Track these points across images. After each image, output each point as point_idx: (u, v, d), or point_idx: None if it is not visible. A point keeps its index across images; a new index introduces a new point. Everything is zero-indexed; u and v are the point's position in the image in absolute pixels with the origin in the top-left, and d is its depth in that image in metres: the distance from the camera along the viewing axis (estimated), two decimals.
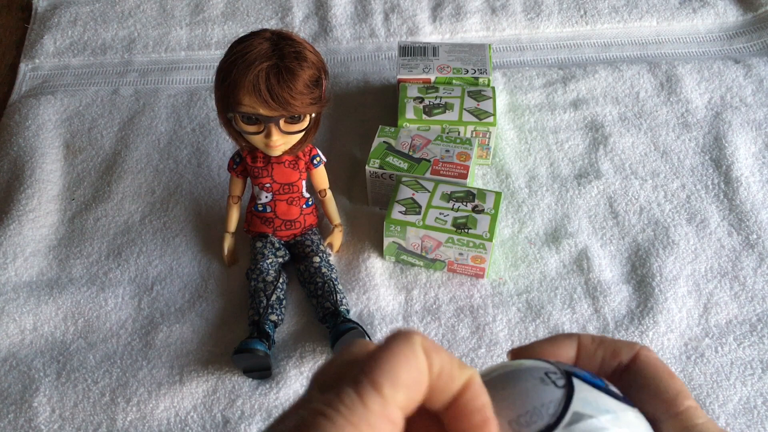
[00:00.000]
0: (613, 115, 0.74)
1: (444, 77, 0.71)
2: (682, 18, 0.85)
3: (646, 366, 0.24)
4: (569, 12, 0.85)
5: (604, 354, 0.25)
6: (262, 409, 0.54)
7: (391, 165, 0.63)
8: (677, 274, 0.61)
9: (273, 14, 0.86)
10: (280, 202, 0.60)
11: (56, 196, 0.69)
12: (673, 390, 0.24)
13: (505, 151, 0.71)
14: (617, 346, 0.25)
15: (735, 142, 0.70)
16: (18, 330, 0.59)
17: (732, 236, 0.64)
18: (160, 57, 0.84)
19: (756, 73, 0.77)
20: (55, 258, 0.64)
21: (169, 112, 0.76)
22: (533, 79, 0.77)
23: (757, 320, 0.59)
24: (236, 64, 0.51)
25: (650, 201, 0.67)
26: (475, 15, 0.85)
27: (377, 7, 0.86)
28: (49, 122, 0.75)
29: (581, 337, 0.25)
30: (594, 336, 0.25)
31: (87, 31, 0.85)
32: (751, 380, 0.55)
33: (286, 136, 0.55)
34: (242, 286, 0.62)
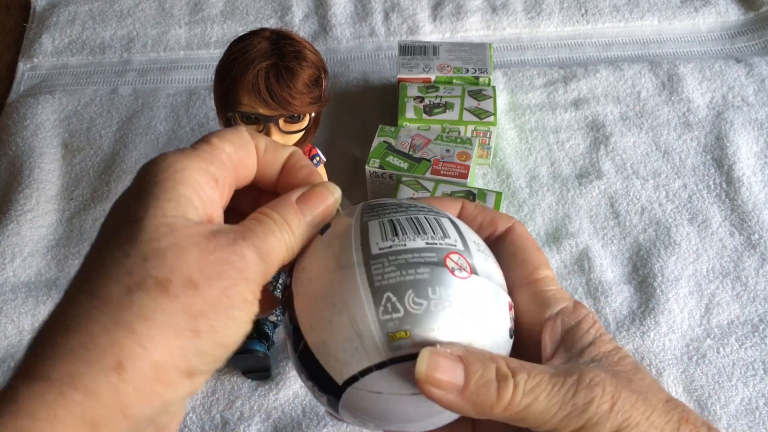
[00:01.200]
0: (614, 115, 0.74)
1: (444, 76, 0.70)
2: (683, 17, 0.84)
3: (517, 237, 0.27)
4: (570, 11, 0.85)
5: (483, 220, 0.28)
6: (262, 410, 0.54)
7: (391, 165, 0.63)
8: (679, 274, 0.61)
9: (272, 13, 0.86)
10: None
11: (54, 196, 0.69)
12: (536, 260, 0.26)
13: (505, 151, 0.71)
14: (495, 216, 0.28)
15: (737, 141, 0.70)
16: (16, 331, 0.59)
17: (734, 236, 0.63)
18: (158, 56, 0.84)
19: (758, 72, 0.76)
20: (53, 258, 0.64)
21: (168, 112, 0.75)
22: (534, 78, 0.77)
23: (759, 321, 0.58)
24: (235, 63, 0.51)
25: (651, 201, 0.66)
26: (475, 14, 0.84)
27: (377, 6, 0.86)
28: (48, 122, 0.74)
29: (465, 202, 0.28)
30: (477, 203, 0.28)
31: (85, 30, 0.85)
32: (753, 381, 0.55)
33: (285, 135, 0.54)
34: None
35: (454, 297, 0.23)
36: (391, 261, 0.23)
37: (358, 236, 0.24)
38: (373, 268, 0.23)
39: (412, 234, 0.24)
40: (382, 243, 0.23)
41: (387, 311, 0.22)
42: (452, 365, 0.22)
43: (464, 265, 0.23)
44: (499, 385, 0.22)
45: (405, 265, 0.23)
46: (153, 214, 0.22)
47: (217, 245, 0.22)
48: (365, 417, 0.24)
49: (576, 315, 0.25)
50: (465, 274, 0.23)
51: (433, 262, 0.23)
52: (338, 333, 0.22)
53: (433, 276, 0.23)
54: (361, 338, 0.22)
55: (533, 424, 0.23)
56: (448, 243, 0.24)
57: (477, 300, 0.23)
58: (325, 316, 0.23)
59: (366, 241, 0.24)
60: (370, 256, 0.23)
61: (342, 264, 0.23)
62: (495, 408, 0.22)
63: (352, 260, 0.23)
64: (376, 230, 0.24)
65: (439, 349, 0.22)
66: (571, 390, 0.22)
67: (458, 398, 0.22)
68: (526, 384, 0.22)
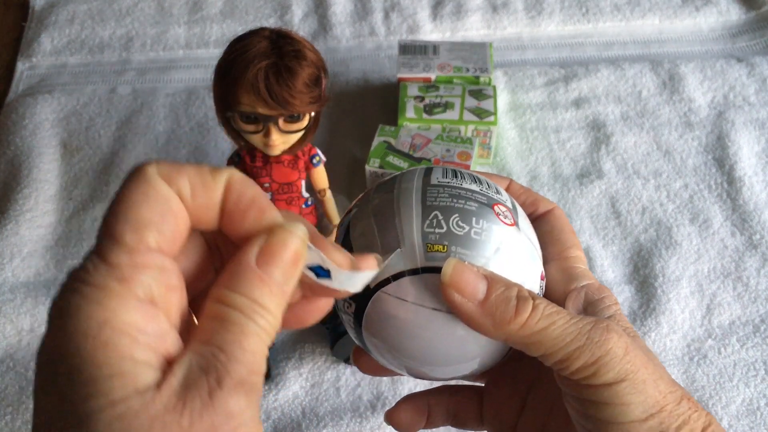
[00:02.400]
0: (615, 114, 0.73)
1: (445, 76, 0.70)
2: (684, 16, 0.84)
3: (556, 218, 0.29)
4: (571, 10, 0.85)
5: (526, 199, 0.29)
6: (261, 411, 0.54)
7: (392, 164, 0.63)
8: (680, 274, 0.61)
9: (272, 12, 0.86)
10: (279, 201, 0.60)
11: (53, 195, 0.68)
12: (570, 241, 0.28)
13: (506, 151, 0.71)
14: (538, 198, 0.29)
15: (738, 141, 0.70)
16: (15, 331, 0.59)
17: (735, 236, 0.63)
18: (158, 56, 0.83)
19: (759, 71, 0.76)
20: (52, 258, 0.64)
21: (167, 112, 0.75)
22: (534, 77, 0.77)
23: (760, 321, 0.58)
24: (235, 62, 0.50)
25: (653, 201, 0.66)
26: (476, 13, 0.84)
27: (377, 5, 0.86)
28: (46, 121, 0.74)
29: (512, 180, 0.30)
30: (522, 185, 0.30)
31: (84, 30, 0.85)
32: (754, 381, 0.55)
33: (285, 135, 0.54)
34: None
35: (493, 234, 0.25)
36: (445, 190, 0.25)
37: (422, 174, 0.26)
38: (428, 193, 0.25)
39: (469, 180, 0.26)
40: (441, 179, 0.26)
41: (431, 225, 0.24)
42: (476, 278, 0.23)
43: (509, 217, 0.26)
44: (518, 303, 0.23)
45: (457, 195, 0.25)
46: (99, 406, 0.16)
47: (193, 416, 0.17)
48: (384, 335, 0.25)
49: (600, 292, 0.26)
50: (509, 222, 0.25)
51: (482, 202, 0.25)
52: (383, 236, 0.25)
53: (480, 211, 0.25)
54: (403, 243, 0.24)
55: (547, 349, 0.23)
56: (499, 198, 0.26)
57: (513, 247, 0.25)
58: (374, 225, 0.25)
59: (428, 177, 0.26)
60: (428, 184, 0.26)
61: (402, 188, 0.26)
62: (512, 324, 0.23)
63: (412, 185, 0.26)
64: (439, 171, 0.27)
65: (466, 263, 0.23)
66: (588, 326, 0.23)
67: (477, 309, 0.23)
68: (545, 309, 0.23)
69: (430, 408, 0.30)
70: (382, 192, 0.26)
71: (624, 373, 0.23)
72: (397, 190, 0.26)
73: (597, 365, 0.23)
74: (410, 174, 0.27)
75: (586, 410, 0.24)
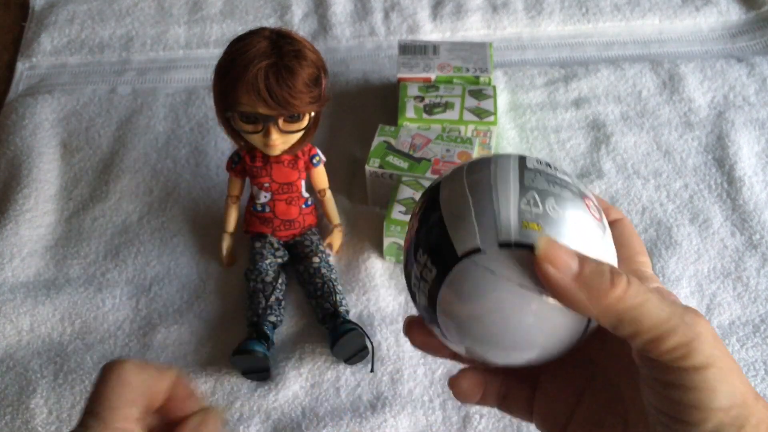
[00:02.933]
0: (615, 114, 0.73)
1: (444, 76, 0.70)
2: (684, 16, 0.84)
3: (625, 226, 0.29)
4: (571, 10, 0.85)
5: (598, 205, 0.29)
6: (261, 411, 0.54)
7: (391, 164, 0.63)
8: (680, 274, 0.61)
9: (272, 12, 0.86)
10: (279, 201, 0.60)
11: (53, 195, 0.68)
12: (639, 247, 0.29)
13: (506, 151, 0.71)
14: (609, 207, 0.30)
15: (738, 141, 0.70)
16: (15, 331, 0.59)
17: (735, 236, 0.63)
18: (158, 56, 0.83)
19: (759, 71, 0.76)
20: (52, 258, 0.64)
21: (167, 111, 0.75)
22: (534, 77, 0.77)
23: (760, 321, 0.58)
24: (235, 62, 0.50)
25: (652, 201, 0.66)
26: (475, 13, 0.84)
27: (377, 5, 0.86)
28: (46, 121, 0.74)
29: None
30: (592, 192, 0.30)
31: (84, 30, 0.85)
32: (754, 381, 0.55)
33: (285, 135, 0.54)
34: (241, 287, 0.61)
35: (585, 224, 0.25)
36: (542, 175, 0.26)
37: (516, 159, 0.27)
38: (526, 174, 0.26)
39: (562, 173, 0.27)
40: (537, 165, 0.26)
41: (528, 204, 0.25)
42: (569, 254, 0.23)
43: (598, 213, 0.26)
44: (613, 276, 0.23)
45: (553, 182, 0.25)
46: None
47: None
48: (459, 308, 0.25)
49: (669, 295, 0.26)
50: (598, 216, 0.26)
51: (575, 192, 0.26)
52: (478, 207, 0.25)
53: (575, 200, 0.25)
54: (498, 216, 0.24)
55: (641, 325, 0.23)
56: (588, 193, 0.27)
57: (602, 242, 0.25)
58: (469, 195, 0.25)
59: (524, 162, 0.26)
60: (525, 168, 0.26)
61: (499, 166, 0.26)
62: (609, 296, 0.23)
63: (509, 165, 0.26)
64: (533, 159, 0.27)
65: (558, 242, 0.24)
66: (681, 308, 0.23)
67: (571, 282, 0.23)
68: (640, 287, 0.23)
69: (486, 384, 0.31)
70: (476, 169, 0.27)
71: (713, 359, 0.23)
72: (494, 167, 0.26)
73: (689, 347, 0.23)
74: (505, 157, 0.27)
75: (670, 393, 0.23)
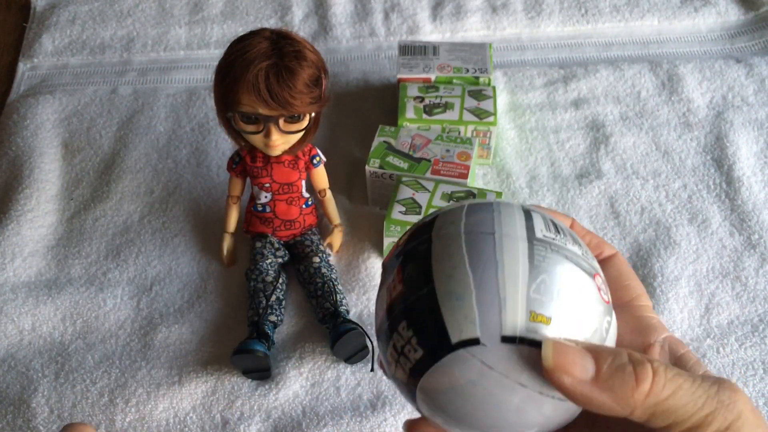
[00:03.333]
0: (614, 115, 0.74)
1: (444, 76, 0.70)
2: (683, 17, 0.84)
3: (621, 264, 0.27)
4: (570, 11, 0.85)
5: (590, 241, 0.28)
6: (262, 410, 0.54)
7: (391, 165, 0.63)
8: (679, 274, 0.61)
9: (272, 13, 0.86)
10: (280, 202, 0.60)
11: (55, 196, 0.69)
12: (639, 288, 0.27)
13: (505, 151, 0.71)
14: (601, 242, 0.28)
15: (737, 141, 0.70)
16: (16, 330, 0.59)
17: (734, 236, 0.63)
18: (158, 56, 0.84)
19: (758, 72, 0.76)
20: (53, 258, 0.64)
21: (167, 112, 0.75)
22: (534, 78, 0.77)
23: (758, 321, 0.58)
24: (235, 63, 0.51)
25: (651, 201, 0.66)
26: (475, 14, 0.84)
27: (377, 6, 0.86)
28: (48, 122, 0.74)
29: (575, 221, 0.28)
30: (583, 226, 0.28)
31: (85, 30, 0.85)
32: (752, 381, 0.55)
33: (285, 135, 0.54)
34: (241, 287, 0.61)
35: (595, 309, 0.23)
36: (552, 248, 0.22)
37: (522, 217, 0.23)
38: (536, 249, 0.22)
39: (570, 239, 0.24)
40: (546, 232, 0.23)
41: (538, 291, 0.21)
42: (581, 354, 0.21)
43: (606, 292, 0.24)
44: (636, 369, 0.21)
45: (564, 256, 0.22)
46: None
47: None
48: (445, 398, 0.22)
49: (681, 346, 0.25)
50: (606, 299, 0.23)
51: (587, 270, 0.23)
52: (480, 288, 0.21)
53: (585, 282, 0.22)
54: (503, 305, 0.21)
55: (677, 417, 0.21)
56: (596, 266, 0.24)
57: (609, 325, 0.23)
58: (470, 270, 0.22)
59: (531, 224, 0.23)
60: (534, 236, 0.23)
61: (504, 231, 0.23)
62: (636, 394, 0.20)
63: (516, 232, 0.23)
64: (540, 221, 0.24)
65: (565, 339, 0.21)
66: (714, 387, 0.21)
67: (592, 387, 0.20)
68: (667, 372, 0.21)
69: None
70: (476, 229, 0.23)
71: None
72: (498, 232, 0.22)
73: (733, 428, 0.20)
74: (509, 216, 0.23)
75: None
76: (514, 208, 0.24)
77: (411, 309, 0.22)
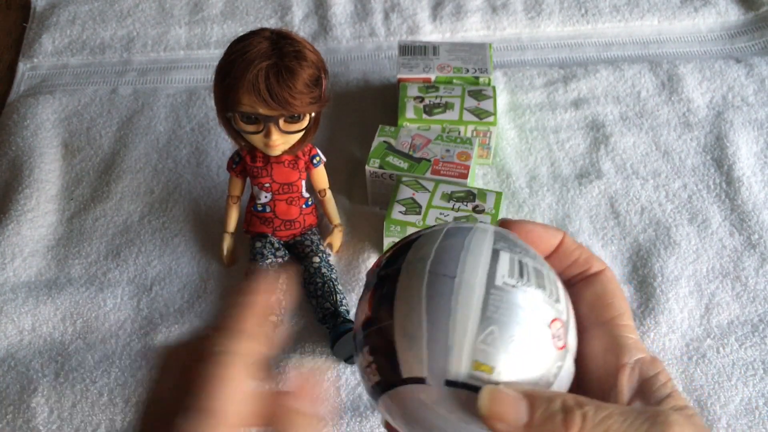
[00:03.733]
0: (614, 115, 0.74)
1: (444, 76, 0.70)
2: (683, 17, 0.84)
3: (608, 281, 0.27)
4: (570, 11, 0.85)
5: (579, 256, 0.28)
6: None
7: (391, 165, 0.63)
8: (679, 274, 0.61)
9: (272, 13, 0.86)
10: (280, 201, 0.60)
11: (55, 196, 0.69)
12: (622, 307, 0.27)
13: (505, 151, 0.71)
14: (591, 257, 0.28)
15: (737, 141, 0.70)
16: (16, 330, 0.59)
17: (734, 236, 0.63)
18: (158, 56, 0.84)
19: (758, 72, 0.76)
20: (53, 258, 0.64)
21: (168, 112, 0.75)
22: (534, 78, 0.77)
23: (758, 321, 0.58)
24: (235, 63, 0.51)
25: (651, 201, 0.66)
26: (475, 14, 0.84)
27: (377, 6, 0.86)
28: (48, 122, 0.74)
29: (566, 235, 0.28)
30: (575, 240, 0.28)
31: (86, 30, 0.85)
32: (752, 381, 0.55)
33: (285, 135, 0.54)
34: None
35: (545, 356, 0.24)
36: (509, 298, 0.23)
37: (488, 258, 0.24)
38: (491, 297, 0.23)
39: (534, 282, 0.24)
40: (507, 278, 0.24)
41: (485, 342, 0.23)
42: (516, 402, 0.22)
43: (562, 337, 0.24)
44: (566, 416, 0.22)
45: (518, 308, 0.23)
46: None
47: None
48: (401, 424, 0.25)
49: (654, 367, 0.25)
50: (561, 344, 0.24)
51: (542, 318, 0.24)
52: (431, 335, 0.23)
53: (538, 332, 0.23)
54: (450, 351, 0.23)
55: None
56: (558, 309, 0.25)
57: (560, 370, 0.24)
58: (425, 314, 0.23)
59: (494, 268, 0.24)
60: (493, 284, 0.24)
61: (465, 277, 0.24)
62: None
63: (475, 279, 0.24)
64: (505, 263, 0.24)
65: (501, 387, 0.22)
66: (646, 423, 0.22)
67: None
68: (596, 415, 0.22)
69: None
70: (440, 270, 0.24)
71: None
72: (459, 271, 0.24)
73: None
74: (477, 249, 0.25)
75: None
76: (484, 244, 0.25)
77: (373, 337, 0.25)
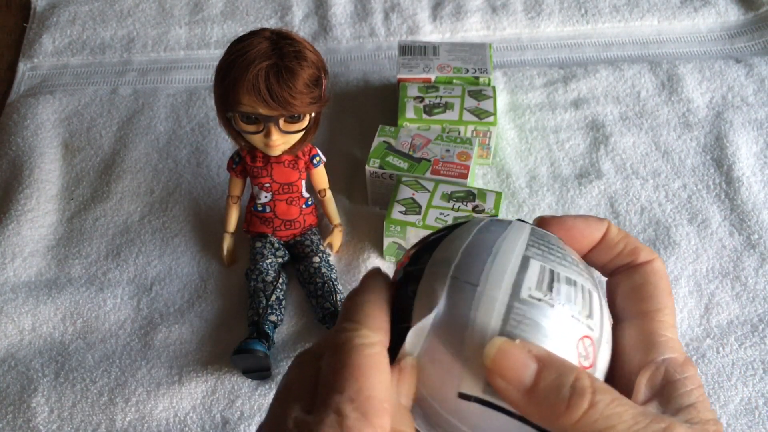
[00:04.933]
0: (614, 115, 0.74)
1: (444, 76, 0.70)
2: (683, 17, 0.84)
3: (653, 273, 0.25)
4: (570, 11, 0.85)
5: (624, 247, 0.26)
6: (262, 410, 0.54)
7: (391, 165, 0.63)
8: (678, 274, 0.61)
9: (272, 13, 0.86)
10: (280, 201, 0.60)
11: (55, 195, 0.69)
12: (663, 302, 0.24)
13: (505, 151, 0.71)
14: (639, 246, 0.25)
15: (736, 141, 0.70)
16: (17, 330, 0.59)
17: (733, 236, 0.64)
18: (159, 56, 0.84)
19: (757, 72, 0.76)
20: (53, 258, 0.64)
21: (168, 112, 0.75)
22: (534, 78, 0.77)
23: (758, 321, 0.58)
24: (235, 63, 0.51)
25: (651, 201, 0.66)
26: (475, 14, 0.84)
27: (377, 6, 0.86)
28: (48, 122, 0.74)
29: (611, 225, 0.26)
30: (621, 229, 0.26)
31: (86, 31, 0.85)
32: (752, 381, 0.55)
33: (285, 135, 0.54)
34: (241, 287, 0.61)
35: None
36: (532, 313, 0.22)
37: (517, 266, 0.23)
38: (513, 312, 0.22)
39: (564, 298, 0.22)
40: (533, 291, 0.22)
41: None
42: (525, 359, 0.20)
43: (589, 356, 0.23)
44: (572, 395, 0.20)
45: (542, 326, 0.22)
46: None
47: None
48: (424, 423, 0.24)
49: (683, 370, 0.23)
50: (587, 363, 0.23)
51: (569, 335, 0.22)
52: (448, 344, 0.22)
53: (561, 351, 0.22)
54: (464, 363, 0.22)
55: None
56: (589, 325, 0.23)
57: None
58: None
59: (521, 278, 0.22)
60: (518, 296, 0.22)
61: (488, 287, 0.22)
62: (562, 419, 0.20)
63: (498, 292, 0.22)
64: (534, 273, 0.23)
65: (517, 342, 0.21)
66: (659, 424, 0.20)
67: (523, 397, 0.20)
68: (607, 407, 0.20)
69: None
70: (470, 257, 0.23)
71: None
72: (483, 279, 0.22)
73: None
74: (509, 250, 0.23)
75: None
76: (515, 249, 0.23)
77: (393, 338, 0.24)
